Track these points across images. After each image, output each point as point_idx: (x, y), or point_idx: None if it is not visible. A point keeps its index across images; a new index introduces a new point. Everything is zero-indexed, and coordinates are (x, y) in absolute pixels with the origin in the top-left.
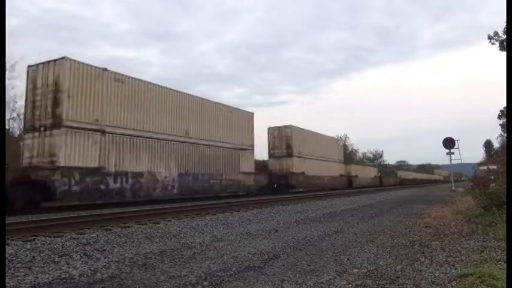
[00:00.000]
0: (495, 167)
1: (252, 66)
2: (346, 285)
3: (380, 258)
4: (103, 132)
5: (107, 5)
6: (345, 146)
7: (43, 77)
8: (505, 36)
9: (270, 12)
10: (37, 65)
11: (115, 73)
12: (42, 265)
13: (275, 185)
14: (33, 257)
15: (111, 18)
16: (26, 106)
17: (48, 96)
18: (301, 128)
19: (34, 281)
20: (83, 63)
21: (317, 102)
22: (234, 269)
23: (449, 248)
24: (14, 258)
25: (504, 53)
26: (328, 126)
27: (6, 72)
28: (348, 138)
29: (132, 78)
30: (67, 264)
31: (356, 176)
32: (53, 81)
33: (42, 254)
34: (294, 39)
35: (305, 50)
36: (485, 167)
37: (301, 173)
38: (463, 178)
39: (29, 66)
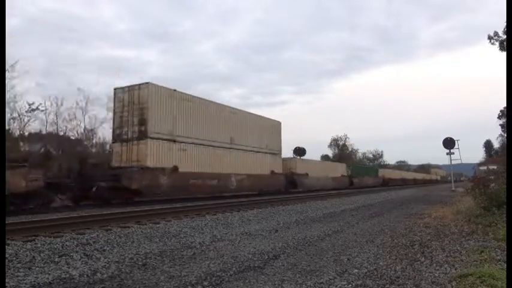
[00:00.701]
0: (495, 167)
1: (252, 66)
2: (346, 285)
3: (380, 258)
4: None
5: (106, 5)
6: (345, 146)
7: None
8: (505, 36)
9: (270, 12)
10: None
11: None
12: (42, 265)
13: (94, 189)
14: (33, 257)
15: (110, 18)
16: None
17: None
18: (173, 91)
19: (34, 281)
20: None
21: (317, 102)
22: (234, 269)
23: (449, 248)
24: (14, 258)
25: (504, 53)
26: (328, 126)
27: (6, 72)
28: (348, 138)
29: None
30: (67, 264)
31: (305, 174)
32: None
33: (42, 254)
34: (293, 39)
35: (305, 50)
36: (485, 167)
37: (171, 169)
38: (462, 178)
39: None
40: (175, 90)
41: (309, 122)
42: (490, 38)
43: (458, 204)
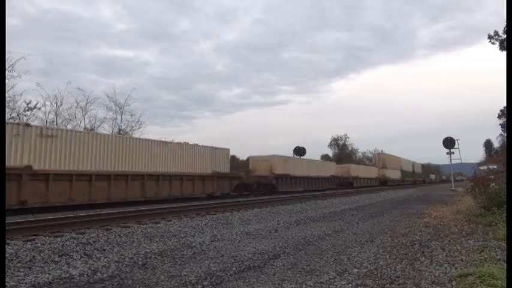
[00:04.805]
0: (495, 167)
1: (251, 66)
2: (346, 285)
3: (380, 258)
4: None
5: (105, 5)
6: (345, 146)
7: None
8: (505, 36)
9: (269, 12)
10: None
11: None
12: (42, 265)
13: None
14: (33, 256)
15: (109, 19)
16: None
17: None
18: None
19: (34, 281)
20: None
21: (316, 102)
22: (234, 268)
23: (449, 248)
24: (14, 258)
25: (504, 53)
26: (328, 126)
27: (6, 72)
28: (348, 138)
29: None
30: (67, 264)
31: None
32: None
33: (42, 254)
34: (292, 39)
35: (304, 50)
36: (485, 167)
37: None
38: (458, 178)
39: None
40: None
41: (309, 122)
42: (490, 37)
43: (458, 203)
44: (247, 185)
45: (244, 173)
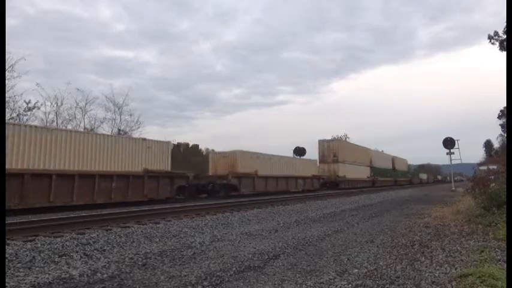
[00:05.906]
0: (495, 167)
1: (251, 66)
2: (346, 285)
3: (380, 258)
4: None
5: (105, 6)
6: None
7: None
8: (505, 36)
9: (268, 12)
10: None
11: None
12: (42, 265)
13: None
14: (33, 257)
15: (109, 19)
16: None
17: None
18: None
19: (34, 281)
20: None
21: (316, 102)
22: (234, 269)
23: (449, 248)
24: (14, 258)
25: (504, 53)
26: (328, 126)
27: (6, 72)
28: (348, 138)
29: None
30: (67, 264)
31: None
32: None
33: (42, 254)
34: (292, 40)
35: (303, 50)
36: (485, 167)
37: None
38: (457, 178)
39: None
40: None
41: (309, 122)
42: (490, 37)
43: (458, 204)
44: None
45: None
